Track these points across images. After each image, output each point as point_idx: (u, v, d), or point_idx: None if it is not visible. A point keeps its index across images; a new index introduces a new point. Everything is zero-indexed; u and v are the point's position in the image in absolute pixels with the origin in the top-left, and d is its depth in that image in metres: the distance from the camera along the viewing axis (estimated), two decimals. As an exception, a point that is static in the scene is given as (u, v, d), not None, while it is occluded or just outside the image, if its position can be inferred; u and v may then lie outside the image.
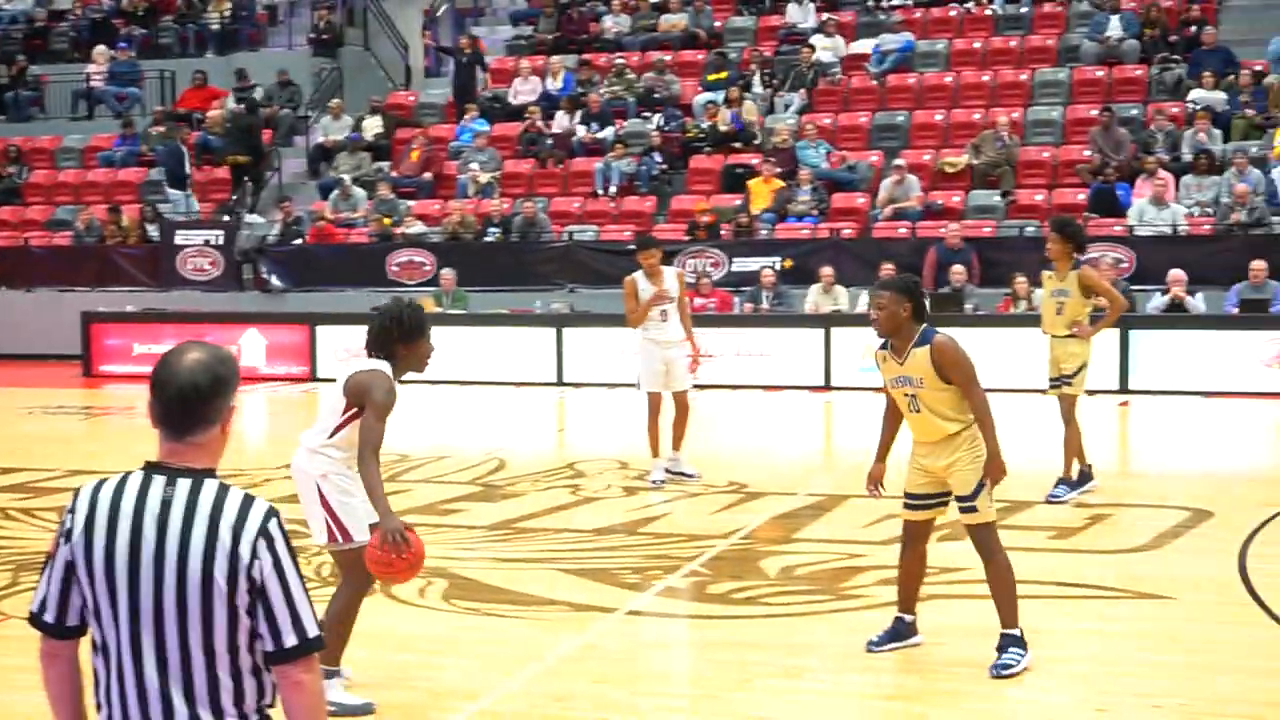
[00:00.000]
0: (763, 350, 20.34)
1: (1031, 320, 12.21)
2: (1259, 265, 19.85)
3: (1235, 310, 19.71)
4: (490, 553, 10.26)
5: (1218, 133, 23.61)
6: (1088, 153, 23.86)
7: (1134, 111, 24.66)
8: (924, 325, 7.49)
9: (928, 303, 7.56)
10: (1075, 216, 18.58)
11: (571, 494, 12.62)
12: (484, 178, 26.02)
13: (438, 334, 7.20)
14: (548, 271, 23.79)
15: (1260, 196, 22.03)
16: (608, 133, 26.53)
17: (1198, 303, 19.94)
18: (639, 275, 12.98)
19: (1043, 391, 12.78)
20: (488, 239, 24.59)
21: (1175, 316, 19.60)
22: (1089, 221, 21.70)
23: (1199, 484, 12.86)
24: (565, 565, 9.84)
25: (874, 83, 26.59)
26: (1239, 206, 21.74)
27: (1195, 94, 24.40)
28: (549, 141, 26.68)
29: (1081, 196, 23.14)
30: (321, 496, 6.87)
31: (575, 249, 24.04)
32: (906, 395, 7.54)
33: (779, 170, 24.43)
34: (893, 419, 7.88)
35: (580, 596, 9.01)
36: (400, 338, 6.91)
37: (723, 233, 23.62)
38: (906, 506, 7.77)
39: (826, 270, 21.48)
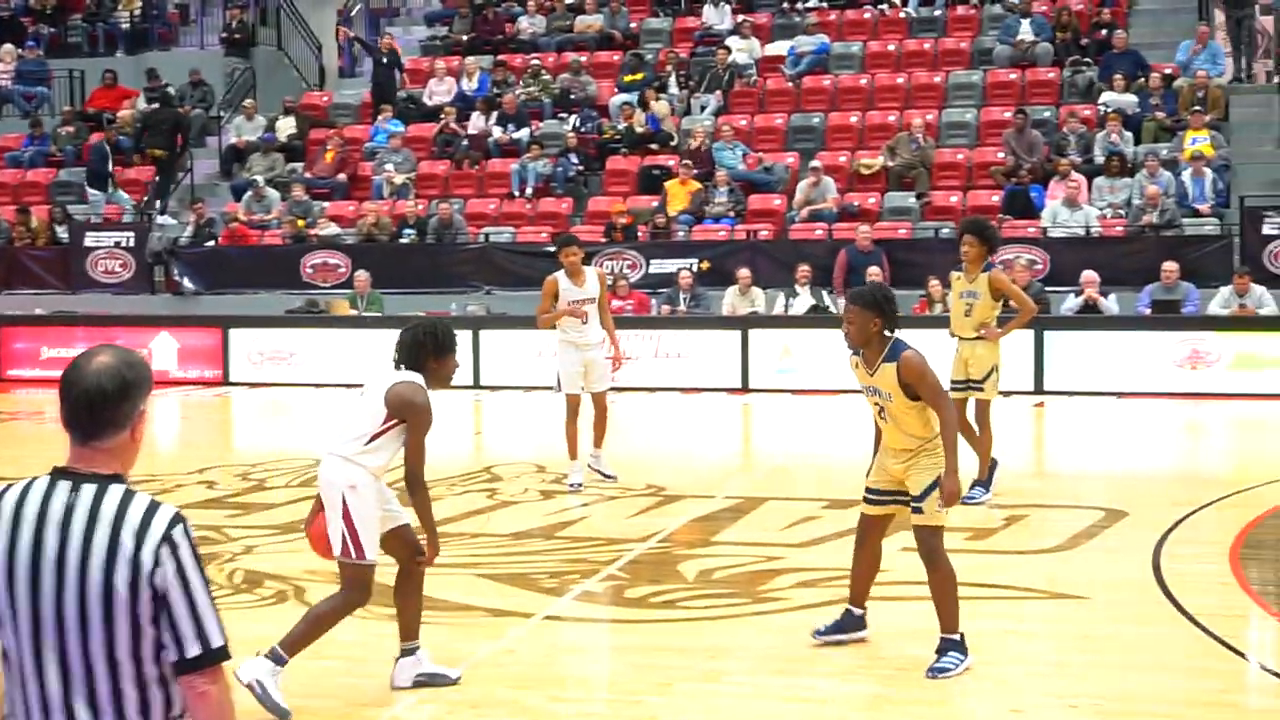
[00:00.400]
0: (680, 352, 20.35)
1: (946, 322, 12.25)
2: (1170, 266, 20.07)
3: (1147, 311, 19.92)
4: (406, 558, 10.17)
5: (1129, 135, 23.86)
6: (1001, 155, 24.05)
7: (1047, 114, 24.89)
8: (894, 339, 7.51)
9: (897, 317, 7.58)
10: (989, 218, 18.72)
11: (488, 498, 12.56)
12: (399, 179, 25.87)
13: (352, 337, 7.16)
14: (463, 273, 23.70)
15: (1171, 198, 22.29)
16: (523, 134, 26.46)
17: (1111, 304, 20.14)
18: (560, 275, 12.93)
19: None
20: (403, 241, 24.46)
21: (1088, 318, 19.79)
22: (1003, 223, 21.89)
23: (1113, 484, 12.97)
24: (482, 570, 9.78)
25: (789, 84, 26.69)
26: (1150, 208, 21.98)
27: (1107, 97, 24.64)
28: (464, 142, 26.57)
29: (996, 198, 23.32)
30: (345, 508, 6.94)
31: (491, 251, 23.96)
32: (877, 405, 7.62)
33: (695, 172, 24.45)
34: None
35: (497, 602, 8.95)
36: (433, 352, 7.12)
37: (640, 234, 23.62)
38: (865, 500, 7.85)
39: (743, 272, 21.52)
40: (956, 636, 7.49)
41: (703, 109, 26.70)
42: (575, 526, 11.39)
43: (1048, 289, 20.30)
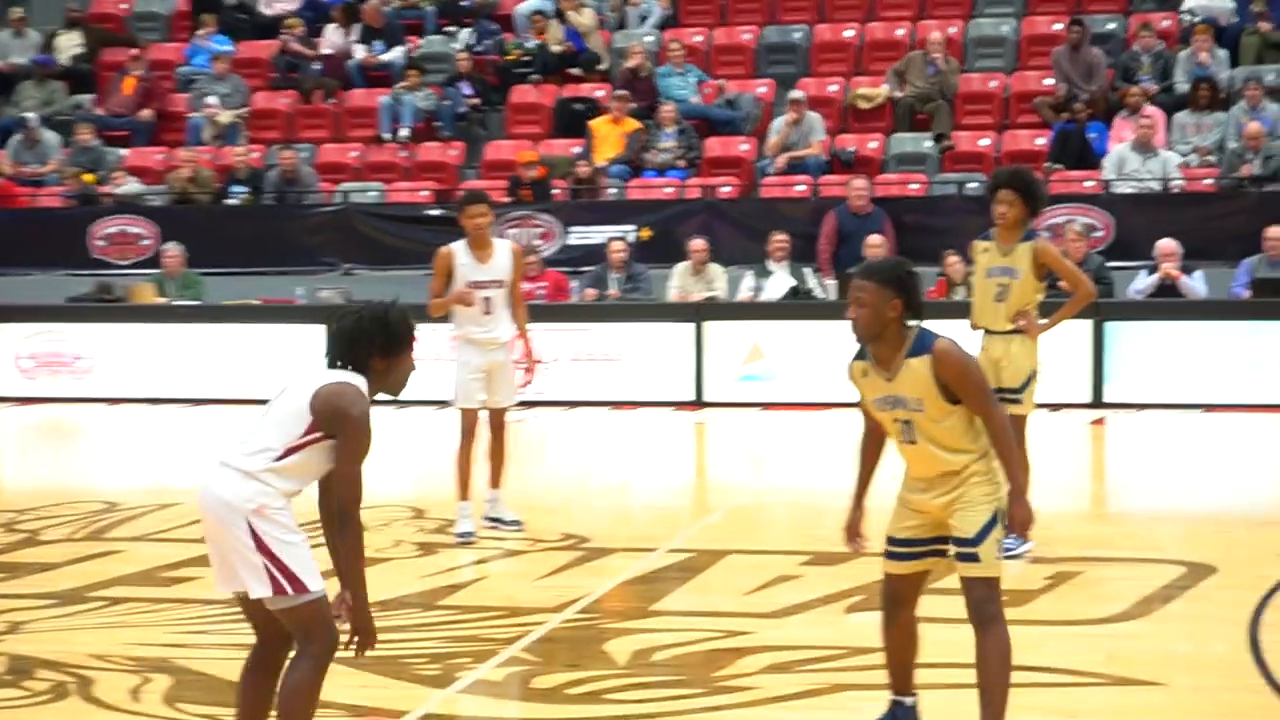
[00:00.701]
0: (610, 353, 20.38)
1: (967, 311, 12.22)
2: (1277, 233, 20.22)
3: (1246, 294, 20.08)
4: (231, 637, 10.13)
5: (1223, 54, 24.05)
6: (1050, 82, 24.20)
7: (1112, 26, 25.07)
8: (920, 329, 7.45)
9: (923, 296, 7.50)
10: (1033, 168, 18.82)
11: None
12: (225, 117, 25.80)
13: (159, 335, 7.15)
14: (314, 246, 23.68)
15: (1279, 140, 22.46)
16: (396, 54, 26.44)
17: (1196, 283, 20.29)
18: (459, 246, 12.92)
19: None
20: (230, 202, 24.40)
21: (1166, 303, 19.93)
22: (1050, 175, 22.03)
23: (1197, 529, 13.06)
24: (336, 653, 9.75)
25: (760, -13, 26.79)
26: (1252, 154, 22.16)
27: (1192, 2, 24.84)
28: (315, 67, 26.52)
29: (1041, 141, 23.47)
30: (256, 537, 6.84)
31: (352, 215, 23.96)
32: (898, 421, 7.50)
33: (633, 106, 24.47)
34: (873, 447, 7.84)
35: (357, 695, 8.93)
36: (382, 347, 6.99)
37: (556, 192, 23.63)
38: (889, 556, 7.73)
39: (698, 243, 21.58)
40: None
41: (643, 20, 26.76)
42: (465, 592, 11.37)
43: (1110, 264, 20.45)
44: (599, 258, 22.11)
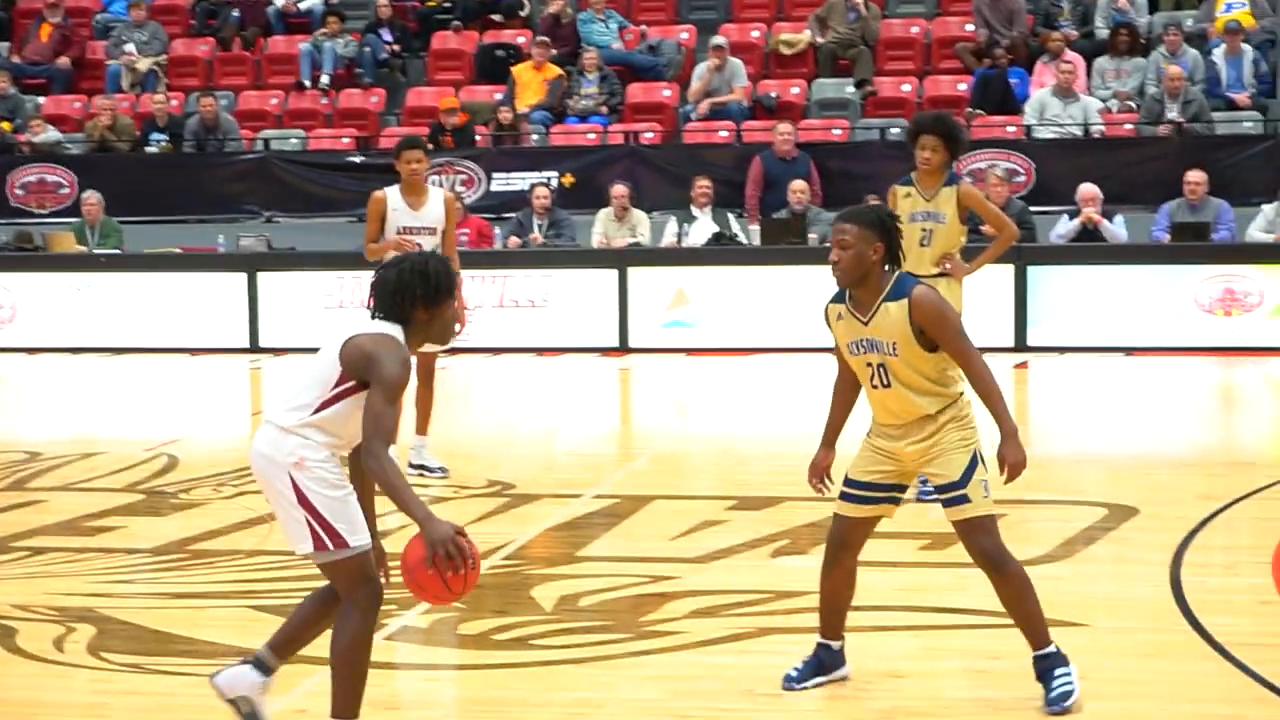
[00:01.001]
0: (534, 299, 20.36)
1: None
2: (1197, 177, 20.35)
3: (1166, 238, 20.20)
4: (155, 586, 10.10)
5: (1143, 0, 24.15)
6: (971, 28, 24.25)
7: (1031, -29, 25.13)
8: (898, 273, 7.55)
9: (901, 241, 7.62)
10: (954, 113, 18.88)
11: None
12: (144, 64, 25.62)
13: (80, 285, 7.10)
14: (235, 194, 23.58)
15: (1199, 85, 22.59)
16: (316, 2, 26.29)
17: (1117, 228, 20.40)
18: (392, 191, 13.00)
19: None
20: (150, 150, 24.25)
21: (1087, 247, 20.03)
22: (972, 120, 22.10)
23: (1119, 472, 13.15)
24: (260, 601, 9.72)
25: (683, -68, 26.74)
26: (1171, 99, 22.26)
27: (1112, -53, 24.93)
28: (234, 13, 26.35)
29: (963, 86, 23.54)
30: (298, 491, 6.93)
31: (273, 163, 23.83)
32: (871, 365, 7.56)
33: (555, 53, 24.42)
34: (846, 391, 7.86)
35: (282, 644, 8.91)
36: (424, 298, 6.98)
37: (478, 139, 23.56)
38: (844, 497, 7.79)
39: (619, 189, 21.56)
40: (1053, 648, 7.64)
41: (564, -34, 26.67)
42: (390, 540, 11.33)
43: (1033, 209, 20.53)
44: (522, 204, 22.07)
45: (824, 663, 7.96)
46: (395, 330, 6.93)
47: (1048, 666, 7.62)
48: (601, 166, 22.69)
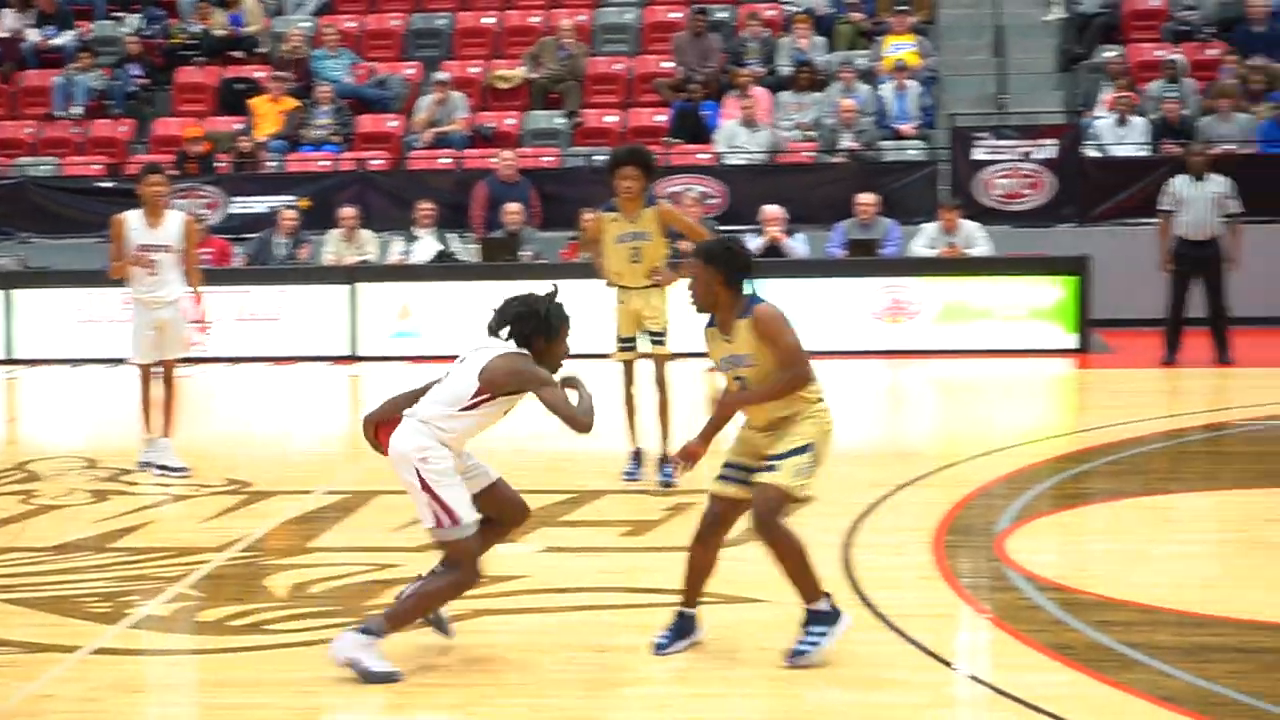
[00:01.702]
0: (271, 313, 20.17)
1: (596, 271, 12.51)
2: (867, 199, 20.75)
3: (841, 253, 20.53)
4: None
5: (821, 40, 24.55)
6: (668, 64, 24.48)
7: (723, 15, 25.41)
8: (749, 294, 8.01)
9: (749, 265, 8.12)
10: (649, 143, 19.07)
11: (22, 502, 12.28)
12: (-96, 95, 24.97)
13: None
14: (-9, 217, 23.08)
15: (870, 117, 23.01)
16: (68, 38, 25.84)
17: (798, 245, 20.70)
18: (132, 214, 13.14)
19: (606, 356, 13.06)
20: (-91, 175, 23.65)
21: (770, 262, 20.25)
22: (671, 148, 22.30)
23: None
24: (12, 595, 9.54)
25: (407, -23, 26.69)
26: (845, 130, 22.65)
27: (793, -8, 25.32)
28: (-10, 48, 25.81)
29: (661, 118, 23.74)
30: (422, 480, 7.81)
31: (28, 188, 23.40)
32: (738, 379, 8.00)
33: (291, 86, 24.24)
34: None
35: (32, 634, 8.75)
36: (541, 331, 7.88)
37: (220, 165, 23.31)
38: (719, 478, 8.12)
39: (347, 211, 21.48)
40: (822, 605, 7.97)
41: (298, 6, 26.48)
42: (135, 534, 11.18)
43: (724, 228, 20.71)
44: (261, 226, 21.90)
45: (684, 629, 8.22)
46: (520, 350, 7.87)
47: (804, 621, 7.96)
48: (334, 191, 22.55)
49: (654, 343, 12.49)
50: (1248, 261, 18.81)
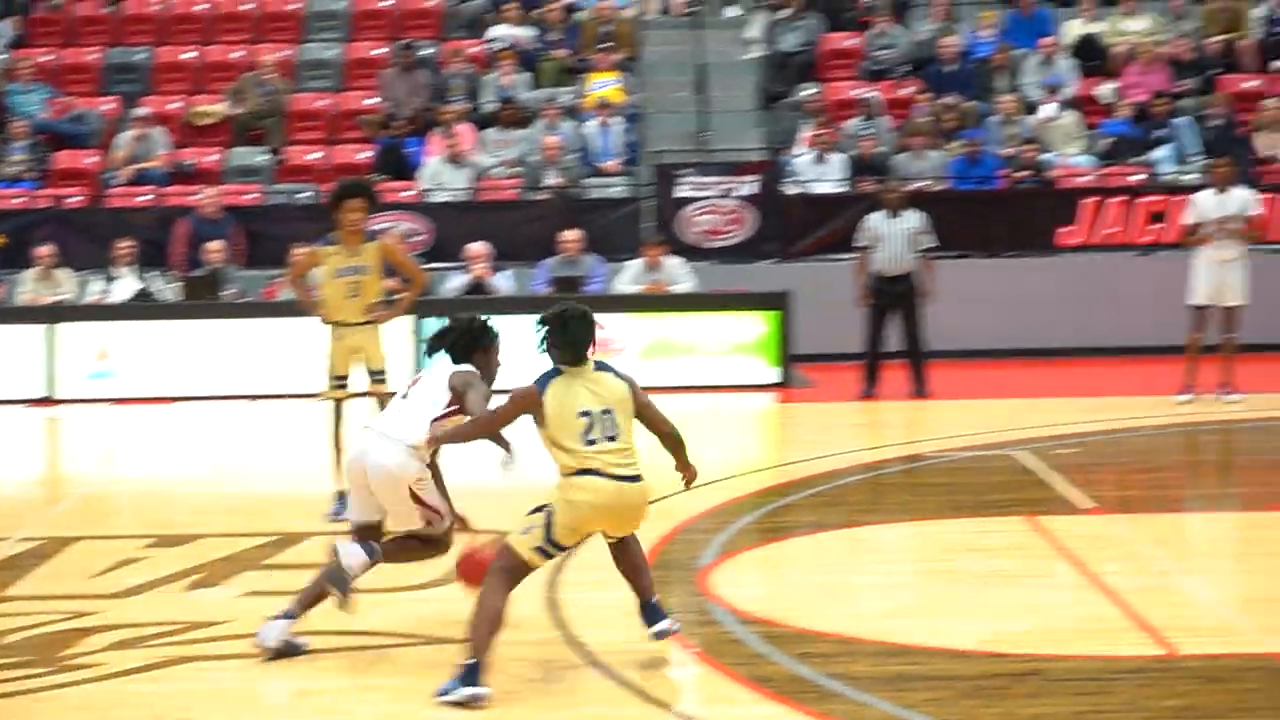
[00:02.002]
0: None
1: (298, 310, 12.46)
2: (572, 235, 20.87)
3: (547, 290, 20.61)
4: None
5: (525, 77, 24.64)
6: (372, 101, 24.40)
7: (428, 51, 25.38)
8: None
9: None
10: (361, 179, 18.93)
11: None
12: None
13: None
14: None
15: (574, 153, 23.16)
16: None
17: (504, 282, 20.73)
18: None
19: (314, 395, 12.96)
20: None
21: (477, 300, 20.28)
22: (376, 185, 22.18)
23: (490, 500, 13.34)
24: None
25: (107, 10, 26.25)
26: (550, 166, 22.76)
27: (497, 30, 25.40)
28: None
29: (365, 155, 23.66)
30: (415, 497, 8.92)
31: None
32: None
33: (-17, 121, 23.71)
34: None
35: None
36: (479, 346, 9.09)
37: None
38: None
39: (43, 250, 21.03)
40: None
41: (-7, 40, 25.91)
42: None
43: (430, 265, 20.68)
44: (-48, 264, 21.38)
45: (653, 617, 8.67)
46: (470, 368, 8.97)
47: (456, 671, 7.98)
48: (30, 229, 22.03)
49: (375, 381, 12.56)
50: (942, 295, 19.28)
